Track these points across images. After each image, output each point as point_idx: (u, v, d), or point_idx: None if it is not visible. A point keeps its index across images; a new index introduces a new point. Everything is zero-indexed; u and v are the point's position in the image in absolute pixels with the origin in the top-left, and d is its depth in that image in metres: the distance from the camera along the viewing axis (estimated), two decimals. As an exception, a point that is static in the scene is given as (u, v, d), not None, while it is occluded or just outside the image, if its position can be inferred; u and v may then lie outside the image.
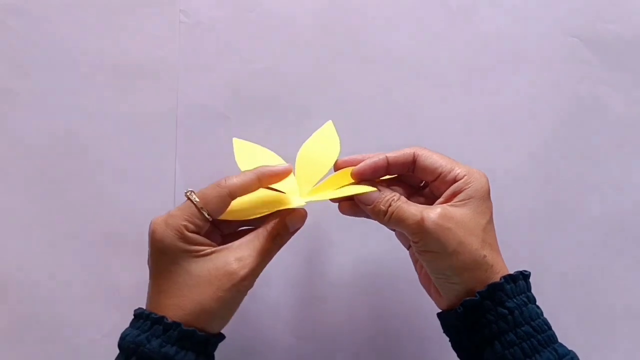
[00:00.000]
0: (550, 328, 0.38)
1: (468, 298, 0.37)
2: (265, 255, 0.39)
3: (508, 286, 0.37)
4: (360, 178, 0.41)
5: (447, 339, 0.41)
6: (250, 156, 0.42)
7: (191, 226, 0.38)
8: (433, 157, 0.41)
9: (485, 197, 0.39)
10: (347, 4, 0.54)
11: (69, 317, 0.51)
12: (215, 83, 0.53)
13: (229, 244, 0.39)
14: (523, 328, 0.37)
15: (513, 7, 0.55)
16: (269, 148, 0.46)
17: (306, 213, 0.42)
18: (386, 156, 0.41)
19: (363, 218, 0.42)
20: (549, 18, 0.55)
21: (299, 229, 0.41)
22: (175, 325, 0.36)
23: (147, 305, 0.39)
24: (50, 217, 0.52)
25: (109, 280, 0.52)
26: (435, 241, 0.37)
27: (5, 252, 0.52)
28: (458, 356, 0.40)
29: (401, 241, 0.45)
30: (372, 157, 0.41)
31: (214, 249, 0.39)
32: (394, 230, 0.44)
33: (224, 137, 0.52)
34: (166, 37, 0.54)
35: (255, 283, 0.40)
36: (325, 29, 0.54)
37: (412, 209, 0.38)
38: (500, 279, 0.37)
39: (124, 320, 0.38)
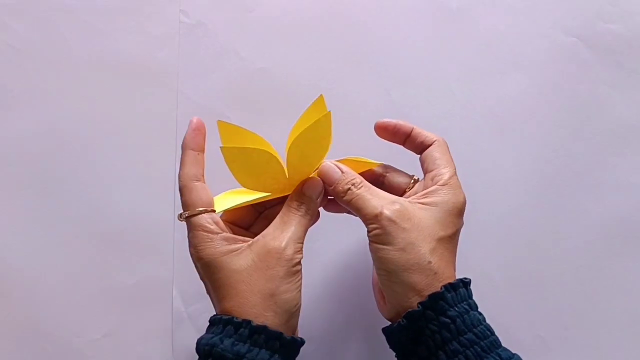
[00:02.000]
0: (493, 333, 0.38)
1: (410, 310, 0.37)
2: (295, 223, 0.39)
3: (449, 295, 0.37)
4: (381, 130, 0.43)
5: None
6: (236, 139, 0.40)
7: (210, 227, 0.39)
8: (440, 154, 0.41)
9: (453, 212, 0.39)
10: (346, 4, 0.54)
11: (69, 317, 0.51)
12: (215, 83, 0.53)
13: (262, 232, 0.39)
14: (466, 336, 0.36)
15: (513, 7, 0.55)
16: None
17: (321, 181, 0.41)
18: (413, 128, 0.42)
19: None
20: (549, 18, 0.55)
21: (321, 194, 0.41)
22: (245, 322, 0.36)
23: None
24: (49, 217, 0.52)
25: (109, 280, 0.52)
26: (387, 235, 0.37)
27: (5, 252, 0.52)
28: None
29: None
30: (403, 123, 0.43)
31: (249, 242, 0.39)
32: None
33: (224, 137, 0.52)
34: (166, 37, 0.54)
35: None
36: (325, 29, 0.54)
37: (373, 201, 0.39)
38: (441, 288, 0.37)
39: (124, 320, 0.39)
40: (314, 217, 0.41)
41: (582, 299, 0.52)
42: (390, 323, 0.40)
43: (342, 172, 0.40)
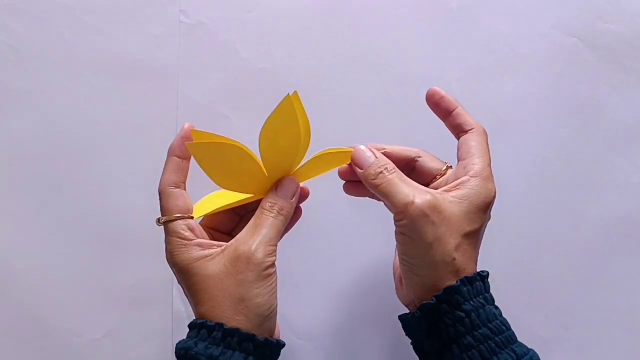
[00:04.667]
0: (509, 328, 0.38)
1: (425, 302, 0.37)
2: (267, 225, 0.39)
3: (464, 288, 0.37)
4: (429, 96, 0.43)
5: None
6: (214, 158, 0.39)
7: (185, 233, 0.39)
8: (476, 143, 0.41)
9: (482, 207, 0.39)
10: (347, 4, 0.54)
11: (69, 317, 0.51)
12: (215, 83, 0.53)
13: (236, 236, 0.39)
14: (480, 330, 0.36)
15: (513, 7, 0.55)
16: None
17: (295, 180, 0.41)
18: (457, 107, 0.42)
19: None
20: (549, 18, 0.55)
21: (295, 193, 0.40)
22: (218, 325, 0.36)
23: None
24: (50, 217, 0.52)
25: (109, 280, 0.52)
26: (415, 227, 0.37)
27: (5, 252, 0.52)
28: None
29: (386, 206, 0.44)
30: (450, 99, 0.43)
31: (222, 246, 0.39)
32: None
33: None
34: (166, 37, 0.54)
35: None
36: (325, 29, 0.54)
37: (405, 188, 0.38)
38: (457, 281, 0.37)
39: (124, 320, 0.39)
40: (288, 218, 0.40)
41: (582, 299, 0.52)
42: (407, 310, 0.40)
43: (376, 156, 0.40)
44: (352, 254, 0.52)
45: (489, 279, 0.39)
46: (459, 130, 0.42)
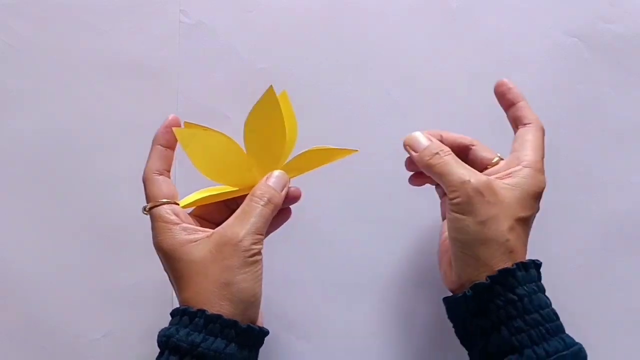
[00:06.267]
0: (558, 318, 0.38)
1: (478, 282, 0.37)
2: (256, 214, 0.38)
3: (519, 273, 0.37)
4: (498, 86, 0.44)
5: (451, 339, 0.41)
6: (201, 147, 0.40)
7: (170, 217, 0.39)
8: (532, 137, 0.42)
9: (534, 195, 0.40)
10: (346, 3, 0.54)
11: (69, 317, 0.51)
12: (215, 83, 0.53)
13: (223, 223, 0.39)
14: (532, 315, 0.36)
15: (513, 7, 0.55)
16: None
17: (286, 174, 0.41)
18: (520, 102, 0.43)
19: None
20: (549, 18, 0.55)
21: (285, 186, 0.41)
22: (200, 312, 0.36)
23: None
24: (49, 217, 0.52)
25: (109, 280, 0.52)
26: (470, 205, 0.37)
27: (5, 252, 0.52)
28: (462, 343, 0.40)
29: (438, 193, 0.46)
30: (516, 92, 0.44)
31: (209, 232, 0.39)
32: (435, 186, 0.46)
33: (224, 137, 0.52)
34: (166, 37, 0.54)
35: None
36: (325, 29, 0.54)
37: (461, 169, 0.39)
38: (512, 265, 0.37)
39: (124, 320, 0.39)
40: (277, 209, 0.40)
41: (582, 299, 0.52)
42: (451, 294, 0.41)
43: (431, 141, 0.41)
44: (352, 254, 0.52)
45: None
46: (518, 123, 0.43)
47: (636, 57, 0.54)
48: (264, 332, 0.39)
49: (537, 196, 0.40)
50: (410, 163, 0.44)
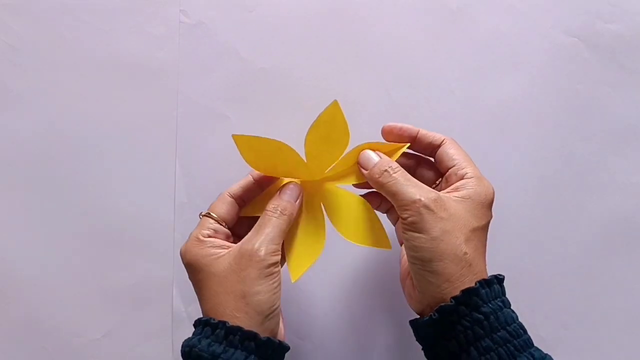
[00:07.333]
0: (525, 332, 0.38)
1: (443, 304, 0.37)
2: (271, 225, 0.40)
3: (483, 291, 0.37)
4: (387, 133, 0.44)
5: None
6: (255, 150, 0.42)
7: (205, 232, 0.40)
8: (455, 150, 0.42)
9: (484, 204, 0.40)
10: (346, 4, 0.54)
11: (69, 317, 0.51)
12: (215, 83, 0.53)
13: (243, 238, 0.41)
14: (499, 333, 0.36)
15: (513, 7, 0.55)
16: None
17: (299, 185, 0.43)
18: (419, 130, 0.43)
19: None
20: (549, 18, 0.55)
21: (299, 196, 0.43)
22: (221, 324, 0.37)
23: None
24: (50, 217, 0.52)
25: (109, 280, 0.52)
26: (423, 223, 0.37)
27: (5, 252, 0.52)
28: None
29: (390, 220, 0.46)
30: (409, 126, 0.44)
31: (231, 246, 0.40)
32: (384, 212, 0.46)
33: (224, 137, 0.52)
34: (166, 37, 0.54)
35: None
36: (325, 29, 0.54)
37: (411, 187, 0.39)
38: (475, 283, 0.37)
39: (124, 320, 0.39)
40: (292, 219, 0.42)
41: (582, 299, 0.52)
42: (417, 317, 0.41)
43: (380, 157, 0.42)
44: (352, 254, 0.52)
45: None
46: (432, 148, 0.43)
47: (636, 57, 0.54)
48: (284, 347, 0.39)
49: (489, 204, 0.40)
50: (358, 185, 0.44)
